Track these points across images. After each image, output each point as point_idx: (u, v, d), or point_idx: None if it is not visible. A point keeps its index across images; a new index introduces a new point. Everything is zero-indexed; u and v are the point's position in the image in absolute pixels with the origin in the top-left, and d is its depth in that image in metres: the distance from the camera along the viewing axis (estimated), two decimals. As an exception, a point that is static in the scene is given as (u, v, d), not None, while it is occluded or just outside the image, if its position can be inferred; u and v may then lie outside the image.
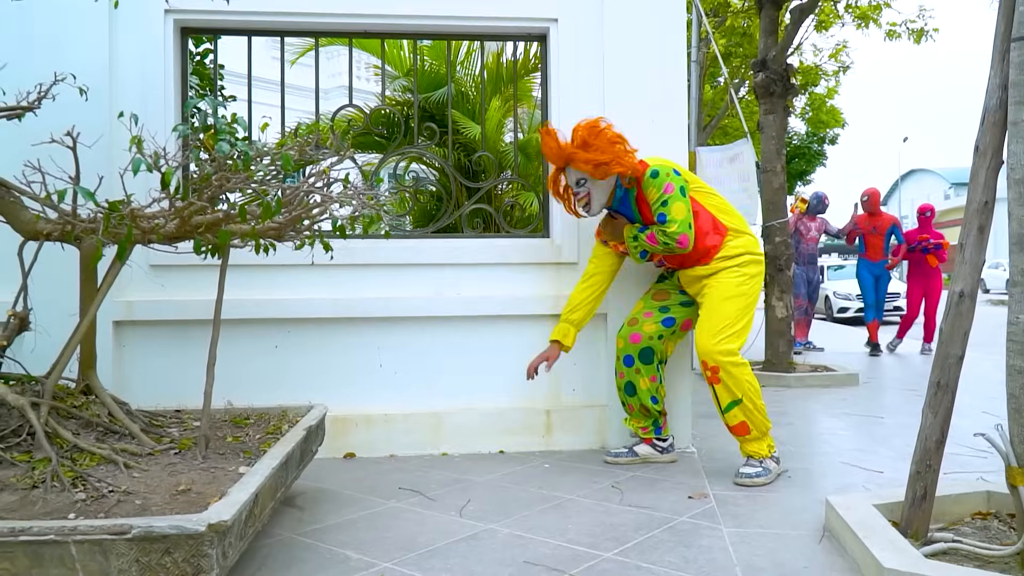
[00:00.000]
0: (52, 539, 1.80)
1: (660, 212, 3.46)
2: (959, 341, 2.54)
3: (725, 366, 3.41)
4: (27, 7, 3.65)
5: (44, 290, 3.04)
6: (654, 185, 3.48)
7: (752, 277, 3.59)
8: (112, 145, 3.67)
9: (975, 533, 2.57)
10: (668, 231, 3.43)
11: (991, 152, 2.53)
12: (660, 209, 3.47)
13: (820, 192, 9.33)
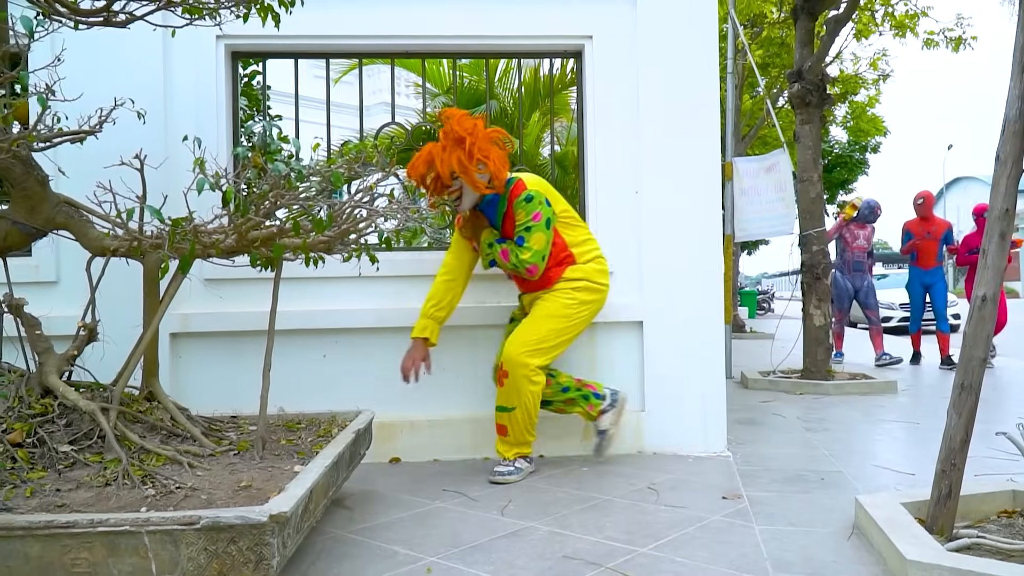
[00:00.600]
0: (127, 529, 1.97)
1: (521, 236, 3.54)
2: (982, 344, 2.61)
3: (517, 377, 3.53)
4: (93, 39, 3.89)
5: (109, 303, 3.25)
6: (525, 209, 3.54)
7: (583, 304, 3.66)
8: (169, 165, 3.89)
9: (1000, 530, 2.64)
10: (522, 257, 3.51)
11: (1011, 161, 2.61)
12: (522, 233, 3.54)
13: (872, 200, 9.05)
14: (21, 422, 2.50)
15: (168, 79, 4.05)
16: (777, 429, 4.96)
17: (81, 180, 3.16)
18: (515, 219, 3.60)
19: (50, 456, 2.43)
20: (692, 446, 4.16)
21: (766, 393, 6.74)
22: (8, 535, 1.95)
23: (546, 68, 7.36)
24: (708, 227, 4.21)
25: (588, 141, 4.30)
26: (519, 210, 3.57)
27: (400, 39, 4.26)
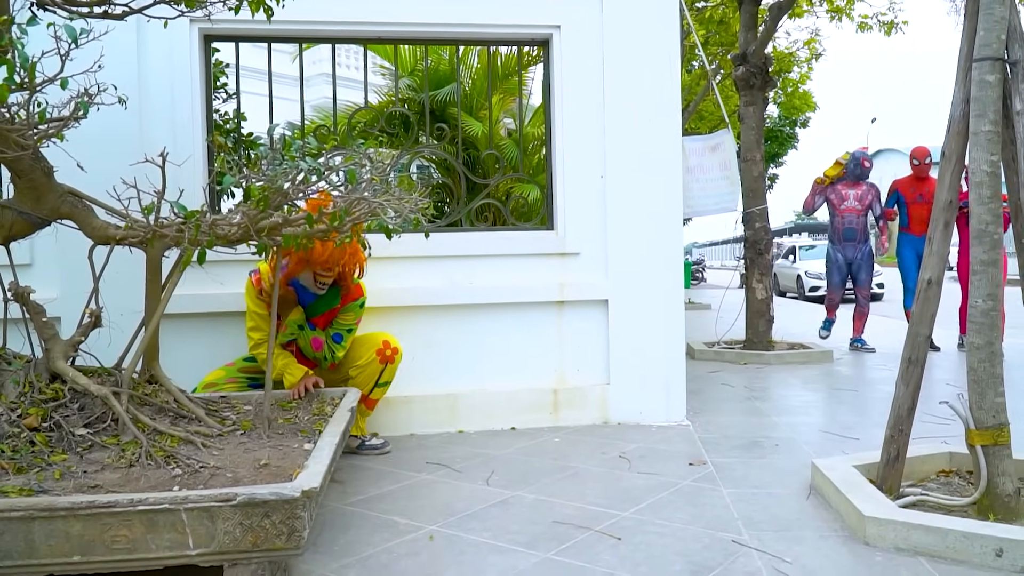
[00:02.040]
0: (166, 507, 2.10)
1: (340, 334, 3.71)
2: (927, 322, 2.91)
3: (398, 359, 3.80)
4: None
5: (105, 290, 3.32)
6: (355, 313, 3.74)
7: None
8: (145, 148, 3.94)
9: (940, 488, 2.96)
10: (337, 354, 3.71)
11: (955, 158, 2.89)
12: (344, 332, 3.71)
13: (859, 151, 7.83)
14: (35, 407, 2.59)
15: (142, 61, 4.08)
16: (728, 398, 5.27)
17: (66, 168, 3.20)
18: (340, 316, 3.72)
19: (68, 440, 2.53)
20: (655, 416, 4.43)
21: (712, 363, 7.08)
22: (51, 515, 2.06)
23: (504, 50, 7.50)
24: (670, 210, 4.45)
25: (555, 128, 4.48)
26: (350, 312, 3.72)
27: (372, 25, 4.36)
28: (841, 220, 7.72)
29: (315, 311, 3.71)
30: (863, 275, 7.76)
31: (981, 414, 2.70)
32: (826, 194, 7.74)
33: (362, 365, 3.79)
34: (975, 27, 2.82)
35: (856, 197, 7.64)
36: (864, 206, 7.65)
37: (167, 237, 2.66)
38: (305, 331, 3.67)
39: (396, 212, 2.64)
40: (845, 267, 7.78)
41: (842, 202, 7.68)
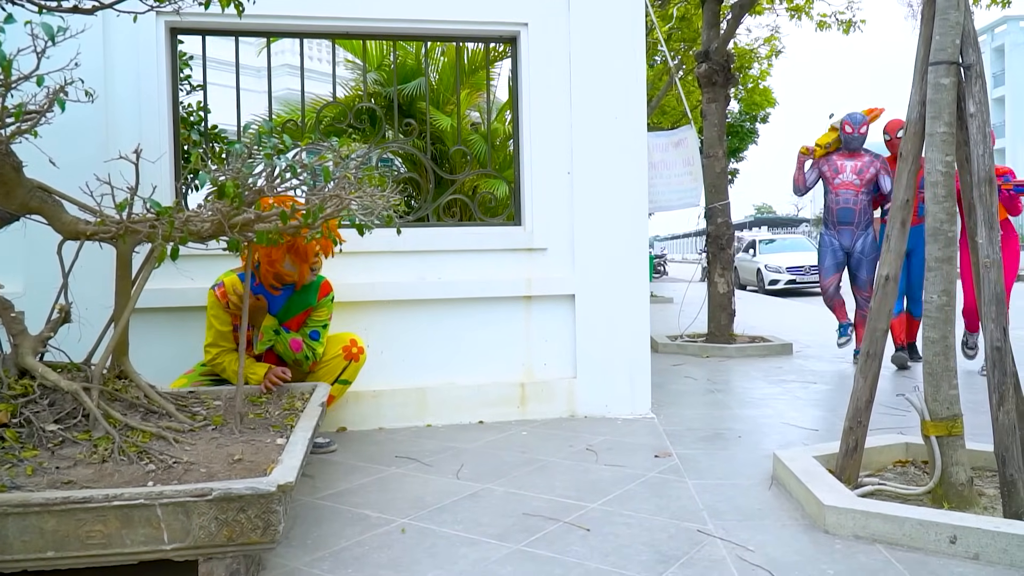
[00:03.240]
0: (141, 503, 2.12)
1: (317, 330, 3.73)
2: (885, 317, 3.01)
3: (362, 358, 3.85)
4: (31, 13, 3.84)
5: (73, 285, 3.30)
6: (327, 308, 3.76)
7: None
8: (111, 142, 3.93)
9: (896, 477, 3.07)
10: (317, 350, 3.70)
11: (912, 158, 2.99)
12: (319, 328, 3.73)
13: (856, 114, 6.45)
14: (4, 403, 2.57)
15: (108, 55, 4.05)
16: (691, 391, 5.37)
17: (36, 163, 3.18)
18: (314, 313, 3.74)
19: (39, 436, 2.52)
20: (620, 409, 4.50)
21: (675, 356, 7.19)
22: (25, 511, 2.07)
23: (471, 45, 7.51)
24: (636, 206, 4.52)
25: (523, 124, 4.53)
26: (322, 308, 3.74)
27: (340, 21, 4.36)
28: (835, 198, 6.41)
29: (288, 315, 3.71)
30: (863, 272, 6.34)
31: (936, 406, 2.80)
32: (819, 167, 6.51)
33: (326, 360, 3.81)
34: (931, 31, 2.91)
35: (854, 170, 6.35)
36: (864, 181, 6.31)
37: (139, 233, 2.66)
38: (281, 335, 3.66)
39: (368, 208, 2.67)
40: (842, 252, 6.42)
41: (836, 176, 6.40)
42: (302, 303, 3.70)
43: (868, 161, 6.39)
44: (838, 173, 6.39)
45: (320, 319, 3.73)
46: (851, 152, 6.42)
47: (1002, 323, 2.72)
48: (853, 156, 6.42)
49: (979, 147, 2.81)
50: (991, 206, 2.80)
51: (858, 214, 6.35)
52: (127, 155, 2.60)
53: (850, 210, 6.35)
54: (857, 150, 6.43)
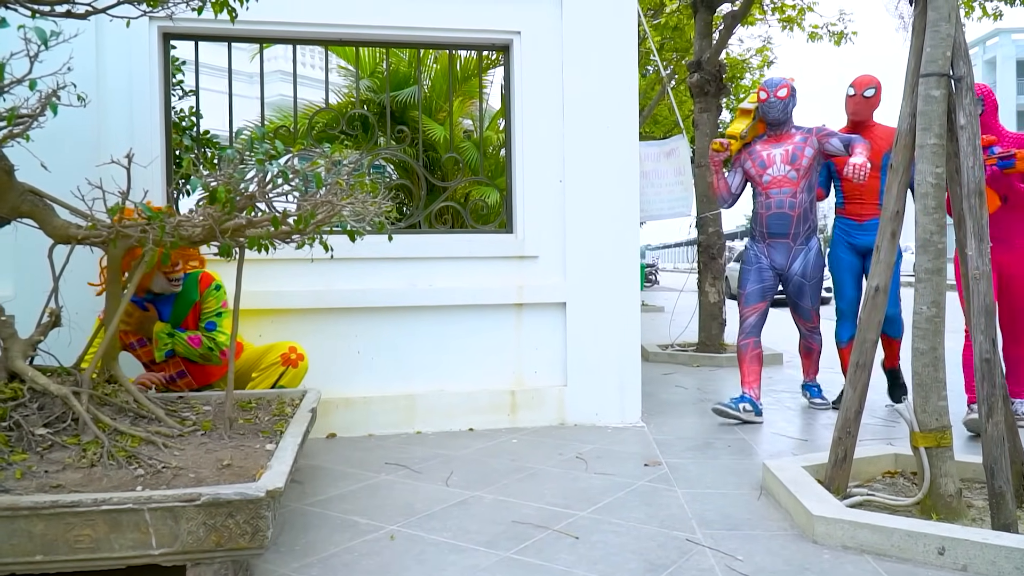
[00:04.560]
0: (130, 507, 2.11)
1: (212, 321, 3.71)
2: (875, 328, 3.03)
3: (303, 365, 3.87)
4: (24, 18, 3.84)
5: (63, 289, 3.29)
6: (215, 297, 3.71)
7: None
8: (102, 146, 3.92)
9: (885, 488, 3.08)
10: (218, 340, 3.66)
11: (902, 169, 3.01)
12: (213, 319, 3.71)
13: (775, 78, 4.79)
14: (-7, 407, 2.56)
15: (100, 60, 4.05)
16: (682, 400, 5.38)
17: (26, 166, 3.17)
18: (204, 307, 3.71)
19: (28, 439, 2.51)
20: (610, 418, 4.51)
21: (666, 366, 7.20)
22: (13, 515, 2.06)
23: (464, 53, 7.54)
24: (627, 214, 4.53)
25: (515, 133, 4.54)
26: (209, 299, 3.71)
27: (333, 27, 4.37)
28: (764, 202, 4.71)
29: (180, 316, 3.69)
30: (806, 300, 4.82)
31: (925, 417, 2.82)
32: (741, 164, 4.85)
33: (265, 367, 3.84)
34: (922, 43, 2.94)
35: (786, 159, 4.67)
36: (803, 172, 4.64)
37: (130, 237, 2.65)
38: (177, 336, 3.63)
39: (359, 214, 2.67)
40: (771, 274, 4.78)
41: (764, 171, 4.72)
42: (187, 302, 3.68)
43: (801, 141, 4.66)
44: (765, 168, 4.70)
45: (211, 309, 3.69)
46: (777, 135, 4.74)
47: (991, 335, 2.73)
48: (781, 140, 4.72)
49: (969, 159, 2.83)
50: (981, 218, 2.82)
51: (796, 222, 4.66)
52: (119, 159, 2.60)
53: (785, 217, 4.66)
54: (783, 128, 4.74)
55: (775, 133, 4.78)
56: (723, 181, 4.92)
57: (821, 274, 4.82)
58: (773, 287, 4.81)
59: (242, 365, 3.86)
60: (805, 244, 4.75)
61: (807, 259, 4.75)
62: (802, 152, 4.65)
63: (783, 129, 4.76)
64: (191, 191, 2.41)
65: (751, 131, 4.84)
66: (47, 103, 2.49)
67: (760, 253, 4.82)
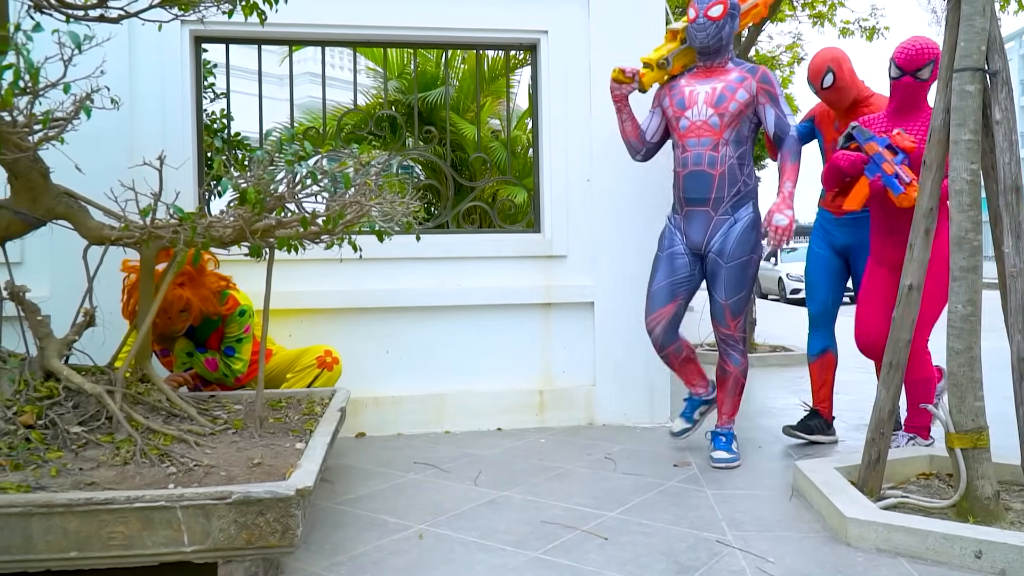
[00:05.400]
0: (163, 505, 2.13)
1: (231, 346, 3.70)
2: (908, 328, 2.98)
3: (337, 368, 3.89)
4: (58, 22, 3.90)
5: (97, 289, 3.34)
6: (238, 323, 3.66)
7: None
8: (133, 149, 3.97)
9: (920, 490, 3.03)
10: (234, 367, 3.68)
11: (936, 166, 2.96)
12: (233, 344, 3.70)
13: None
14: (30, 405, 2.61)
15: (133, 63, 4.10)
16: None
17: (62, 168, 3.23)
18: (227, 329, 3.69)
19: (63, 437, 2.55)
20: (639, 417, 4.49)
21: (695, 366, 7.14)
22: (49, 512, 2.09)
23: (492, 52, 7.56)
24: (655, 213, 4.50)
25: (543, 132, 4.53)
26: (232, 323, 3.68)
27: (362, 29, 4.39)
28: (681, 156, 3.65)
29: (203, 335, 3.70)
30: (719, 289, 3.62)
31: (961, 418, 2.77)
32: (660, 103, 3.78)
33: (300, 369, 3.88)
34: (956, 38, 2.89)
35: (710, 97, 3.58)
36: (729, 114, 3.55)
37: (162, 238, 2.69)
38: (196, 356, 3.67)
39: (388, 215, 2.68)
40: (685, 256, 3.67)
41: (681, 114, 3.64)
42: (211, 323, 3.66)
43: (736, 80, 3.55)
44: (684, 108, 3.59)
45: (232, 334, 3.68)
46: (708, 68, 3.62)
47: (1028, 334, 2.68)
48: (712, 74, 3.60)
49: (1005, 155, 2.78)
50: (1018, 215, 2.77)
51: (717, 183, 3.52)
52: (151, 161, 2.63)
53: (703, 177, 3.52)
54: (716, 59, 3.60)
55: (705, 65, 3.66)
56: (631, 123, 3.85)
57: (749, 258, 3.55)
58: (689, 278, 3.65)
59: (275, 368, 3.89)
60: (731, 214, 3.55)
61: (729, 233, 3.53)
62: (732, 94, 3.53)
63: (716, 60, 3.63)
64: (222, 192, 2.43)
65: (678, 60, 3.75)
66: (81, 106, 2.52)
67: (675, 230, 3.71)
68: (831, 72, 3.75)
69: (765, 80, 3.59)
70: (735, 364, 3.69)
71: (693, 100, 3.62)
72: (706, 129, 3.56)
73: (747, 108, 3.57)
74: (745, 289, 3.62)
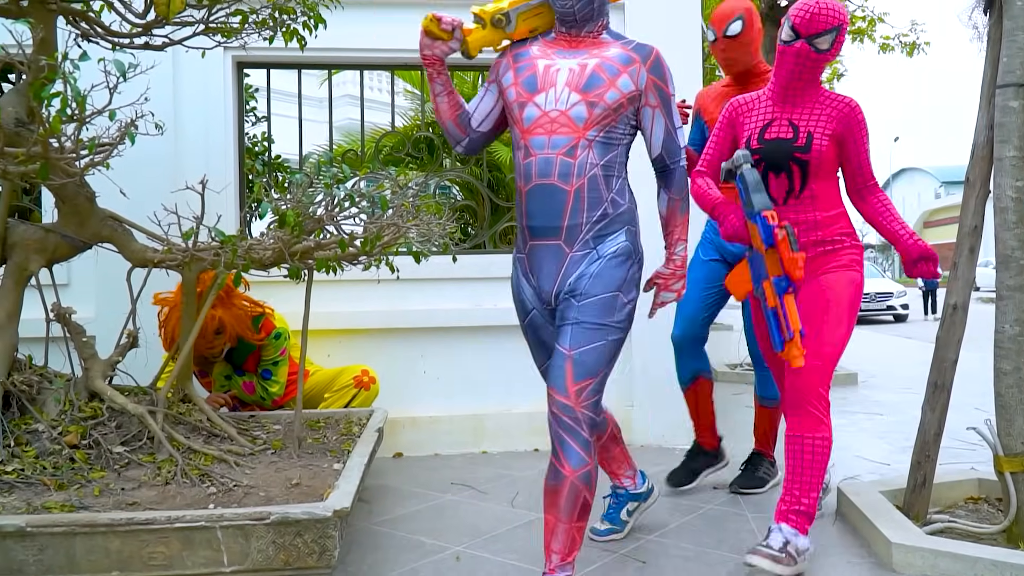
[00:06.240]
0: (202, 525, 2.16)
1: (268, 370, 3.71)
2: (953, 347, 2.92)
3: (374, 388, 3.92)
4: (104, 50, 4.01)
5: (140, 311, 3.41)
6: (274, 346, 3.69)
7: None
8: (178, 173, 4.05)
9: (968, 515, 2.95)
10: (271, 390, 3.70)
11: (979, 183, 2.91)
12: (270, 367, 3.70)
13: None
14: (75, 425, 2.66)
15: (177, 89, 4.18)
16: (752, 421, 5.25)
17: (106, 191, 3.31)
18: (263, 353, 3.72)
19: (106, 457, 2.60)
20: (677, 439, 4.43)
21: (735, 385, 7.07)
22: (92, 531, 2.12)
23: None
24: (694, 229, 4.46)
25: (580, 151, 4.53)
26: (268, 347, 3.70)
27: (399, 52, 4.43)
28: (524, 164, 2.37)
29: (241, 358, 3.74)
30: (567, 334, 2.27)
31: (1009, 440, 2.70)
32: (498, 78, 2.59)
33: (337, 389, 3.90)
34: (998, 53, 2.84)
35: (576, 78, 2.35)
36: (605, 105, 2.32)
37: (204, 261, 2.73)
38: (234, 379, 3.72)
39: (425, 236, 2.70)
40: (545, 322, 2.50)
41: (529, 98, 2.38)
42: (247, 347, 3.69)
43: (619, 60, 2.39)
44: (533, 91, 2.39)
45: (269, 357, 3.71)
46: (573, 38, 2.45)
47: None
48: (579, 45, 2.44)
49: (1051, 172, 2.72)
50: (1065, 233, 2.70)
51: (573, 202, 2.32)
52: (194, 185, 2.68)
53: (553, 193, 2.32)
54: (586, 28, 2.44)
55: (570, 34, 2.43)
56: (448, 99, 2.55)
57: (614, 296, 2.29)
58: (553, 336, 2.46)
59: (312, 388, 3.92)
60: (592, 247, 2.32)
61: (589, 268, 2.30)
62: (612, 78, 2.32)
63: (586, 29, 2.43)
64: (262, 215, 2.47)
65: (524, 19, 2.49)
66: (126, 132, 2.59)
67: (522, 278, 2.47)
68: (741, 20, 3.29)
69: (658, 70, 2.42)
70: (572, 464, 2.25)
71: (549, 80, 2.34)
72: (563, 123, 2.30)
73: (629, 104, 2.36)
74: (603, 341, 2.25)
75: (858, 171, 2.76)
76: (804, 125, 2.72)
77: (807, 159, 2.68)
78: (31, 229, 2.79)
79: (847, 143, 2.73)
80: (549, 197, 2.31)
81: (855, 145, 2.73)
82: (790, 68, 2.70)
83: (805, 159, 2.68)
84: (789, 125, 2.74)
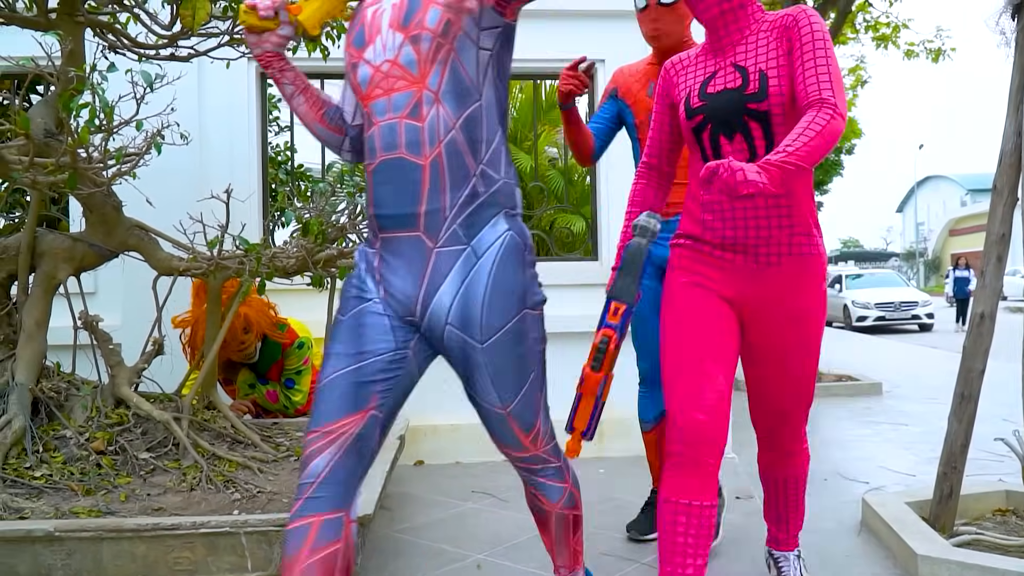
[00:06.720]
0: (227, 531, 2.18)
1: (291, 379, 3.72)
2: (981, 357, 2.89)
3: None
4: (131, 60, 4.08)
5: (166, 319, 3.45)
6: (297, 355, 3.71)
7: None
8: (203, 182, 4.09)
9: (996, 527, 2.91)
10: (294, 399, 3.73)
11: (1007, 191, 2.88)
12: (293, 376, 3.72)
13: None
14: (101, 431, 2.69)
15: (202, 99, 4.24)
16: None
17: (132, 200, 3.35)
18: (286, 362, 3.75)
19: (132, 463, 2.63)
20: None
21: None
22: (118, 536, 2.15)
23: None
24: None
25: (600, 160, 4.53)
26: (292, 356, 3.74)
27: (422, 61, 4.46)
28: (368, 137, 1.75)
29: (264, 367, 3.77)
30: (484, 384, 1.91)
31: (1036, 451, 2.67)
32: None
33: None
34: (1026, 61, 2.82)
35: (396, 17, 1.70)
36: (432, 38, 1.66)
37: (229, 269, 2.76)
38: (258, 388, 3.76)
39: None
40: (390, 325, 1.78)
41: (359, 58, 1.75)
42: (270, 356, 3.73)
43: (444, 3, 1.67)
44: (363, 46, 1.75)
45: (292, 367, 3.74)
46: None
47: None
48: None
49: (1080, 180, 2.69)
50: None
51: (431, 179, 1.68)
52: (219, 195, 2.71)
53: (402, 169, 1.69)
54: None
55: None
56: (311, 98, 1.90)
57: (520, 318, 1.84)
58: (391, 366, 1.85)
59: None
60: (464, 242, 1.75)
61: (472, 280, 1.75)
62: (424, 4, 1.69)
63: None
64: (286, 223, 2.50)
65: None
66: (152, 142, 2.63)
67: (366, 275, 1.83)
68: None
69: None
70: (552, 498, 2.15)
71: (376, 26, 1.77)
72: (398, 75, 1.71)
73: (459, 17, 1.70)
74: (530, 376, 1.94)
75: (802, 91, 1.87)
76: (753, 64, 1.97)
77: (766, 109, 1.94)
78: (59, 238, 2.84)
79: (793, 60, 1.93)
80: (399, 175, 1.70)
81: (801, 56, 1.90)
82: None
83: (763, 110, 1.94)
84: (735, 70, 1.99)
